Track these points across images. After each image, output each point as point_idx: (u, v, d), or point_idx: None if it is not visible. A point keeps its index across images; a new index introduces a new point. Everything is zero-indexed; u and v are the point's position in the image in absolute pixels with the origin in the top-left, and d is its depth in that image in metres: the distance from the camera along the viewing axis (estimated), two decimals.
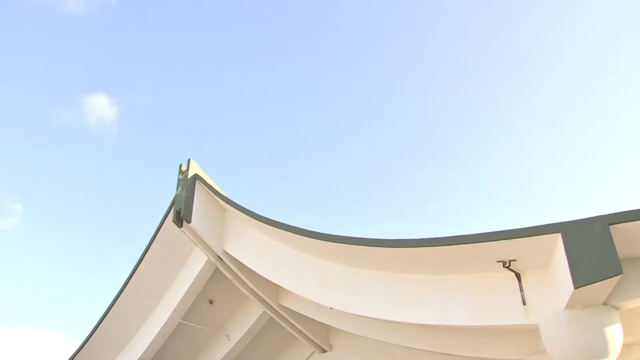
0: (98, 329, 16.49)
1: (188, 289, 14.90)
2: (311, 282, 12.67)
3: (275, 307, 15.25)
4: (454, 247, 9.25)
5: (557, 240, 8.06)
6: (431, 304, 10.62)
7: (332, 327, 16.18)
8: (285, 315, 15.48)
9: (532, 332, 9.98)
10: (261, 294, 14.73)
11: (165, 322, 15.45)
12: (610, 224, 7.46)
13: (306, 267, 12.79)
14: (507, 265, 9.10)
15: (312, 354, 17.67)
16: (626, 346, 8.94)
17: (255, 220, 12.93)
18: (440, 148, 45.38)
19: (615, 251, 7.32)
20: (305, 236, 11.63)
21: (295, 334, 16.46)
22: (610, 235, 7.42)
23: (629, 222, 7.43)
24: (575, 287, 7.64)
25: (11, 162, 45.52)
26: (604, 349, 8.36)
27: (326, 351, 17.31)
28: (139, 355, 16.23)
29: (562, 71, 40.18)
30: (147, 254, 15.28)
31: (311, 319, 15.16)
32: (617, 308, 8.52)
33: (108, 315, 16.21)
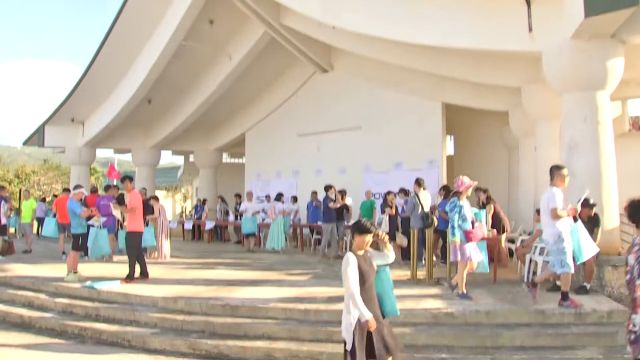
0: (100, 53, 16.43)
1: (187, 8, 14.36)
2: None
3: (277, 26, 14.95)
4: None
5: None
6: (435, 24, 10.42)
7: (334, 46, 16.17)
8: (286, 34, 15.28)
9: (533, 59, 9.95)
10: (262, 13, 14.29)
11: (167, 44, 15.28)
12: None
13: None
14: None
15: (314, 73, 17.96)
16: (624, 82, 9.00)
17: None
18: None
19: None
20: None
21: (297, 53, 16.49)
22: None
23: None
24: (586, 16, 7.41)
25: None
26: (602, 81, 8.45)
27: (327, 71, 17.57)
28: (143, 77, 16.51)
29: None
30: None
31: (313, 38, 15.03)
32: (623, 42, 8.36)
33: (109, 38, 15.98)
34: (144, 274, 9.63)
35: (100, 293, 8.53)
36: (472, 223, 7.89)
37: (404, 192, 12.34)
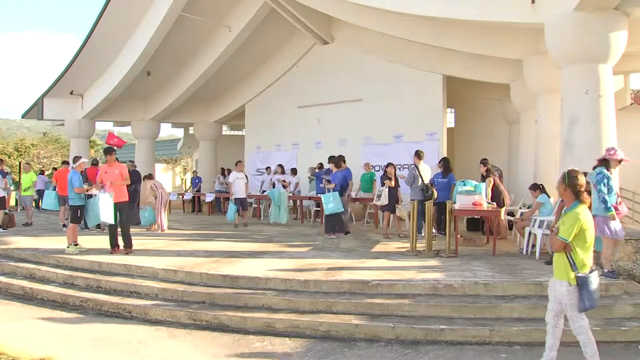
0: (98, 24, 16.25)
1: None
2: None
3: None
4: None
5: None
6: None
7: (334, 18, 16.01)
8: (286, 5, 15.09)
9: (535, 31, 9.85)
10: None
11: (165, 15, 15.12)
12: None
13: None
14: None
15: (314, 45, 17.80)
16: (626, 55, 8.91)
17: None
18: None
19: None
20: None
21: (297, 25, 16.32)
22: None
23: None
24: None
25: None
26: (605, 53, 8.37)
27: (328, 43, 17.41)
28: (142, 49, 16.33)
29: None
30: None
31: (313, 9, 14.89)
32: (627, 14, 8.24)
33: (107, 9, 15.79)
34: (115, 246, 9.61)
35: (102, 265, 8.58)
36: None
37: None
